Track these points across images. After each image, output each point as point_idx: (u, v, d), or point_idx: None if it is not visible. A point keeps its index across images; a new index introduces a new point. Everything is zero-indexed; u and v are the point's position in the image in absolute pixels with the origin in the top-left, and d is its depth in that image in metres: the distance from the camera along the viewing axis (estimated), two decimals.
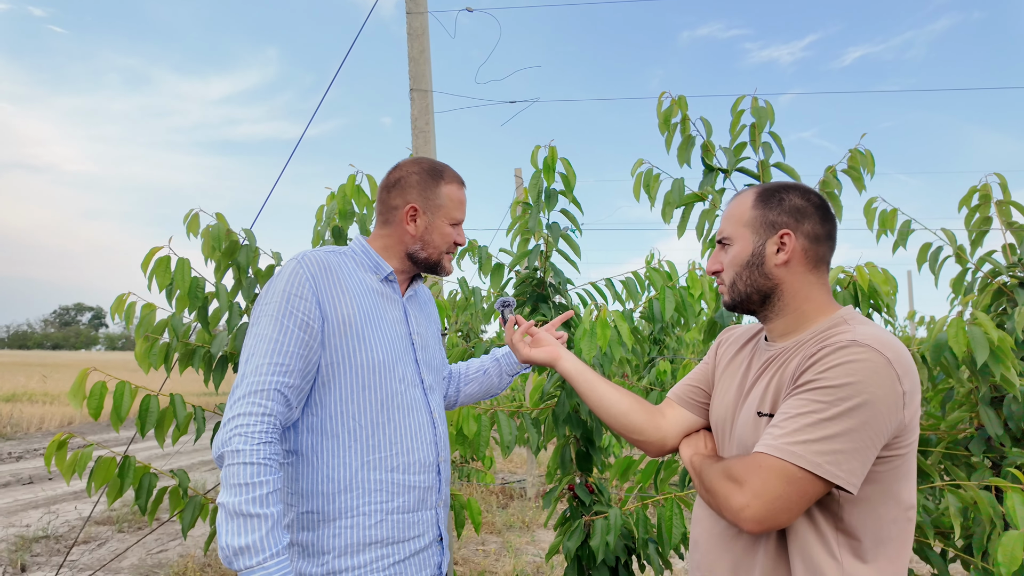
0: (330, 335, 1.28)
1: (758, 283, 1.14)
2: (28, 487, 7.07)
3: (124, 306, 2.21)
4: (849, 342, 0.99)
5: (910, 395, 1.00)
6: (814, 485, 0.97)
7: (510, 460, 8.84)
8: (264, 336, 1.23)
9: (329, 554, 1.25)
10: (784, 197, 1.14)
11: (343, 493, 1.27)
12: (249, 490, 1.12)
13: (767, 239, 1.13)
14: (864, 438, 0.96)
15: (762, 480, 0.98)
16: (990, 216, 2.37)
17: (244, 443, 1.15)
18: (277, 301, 1.26)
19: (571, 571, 2.22)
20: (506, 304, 1.55)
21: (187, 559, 4.45)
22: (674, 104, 2.22)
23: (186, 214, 2.24)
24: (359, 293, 1.35)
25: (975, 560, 1.92)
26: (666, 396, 1.39)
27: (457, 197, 1.47)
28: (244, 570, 1.10)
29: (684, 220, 2.19)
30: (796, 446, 0.97)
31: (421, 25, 3.04)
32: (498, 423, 2.20)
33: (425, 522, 1.37)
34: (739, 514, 1.00)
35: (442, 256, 1.47)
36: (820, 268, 1.14)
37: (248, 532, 1.11)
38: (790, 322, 1.14)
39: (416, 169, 1.46)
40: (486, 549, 4.82)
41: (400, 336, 1.40)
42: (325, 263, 1.33)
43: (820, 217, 1.14)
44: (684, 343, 6.02)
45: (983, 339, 1.81)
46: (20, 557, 4.51)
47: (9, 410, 12.54)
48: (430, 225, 1.44)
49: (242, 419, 1.17)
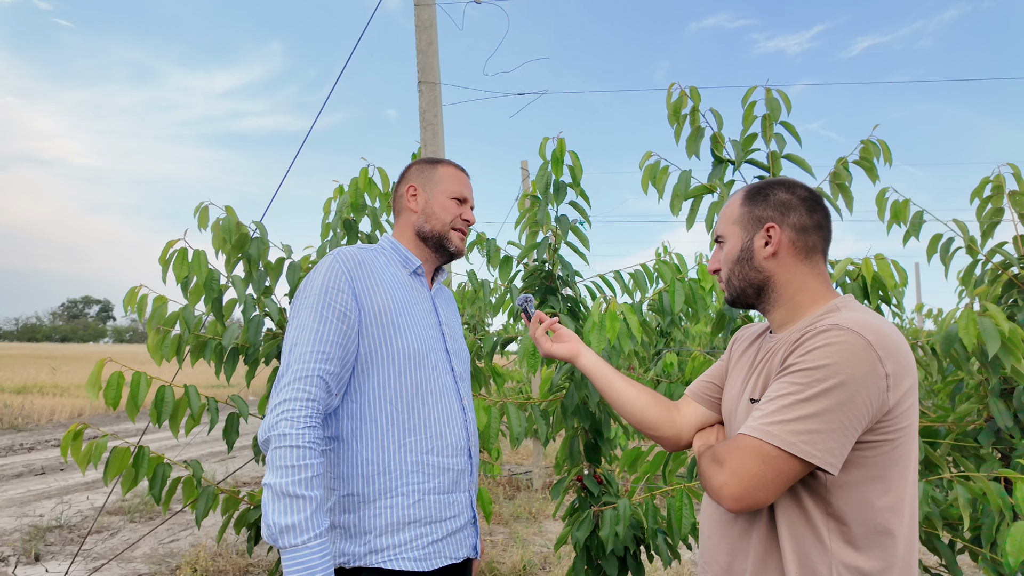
0: (367, 324, 1.35)
1: (749, 276, 1.18)
2: (40, 477, 7.16)
3: (136, 299, 2.23)
4: (830, 326, 1.02)
5: (895, 377, 1.00)
6: (789, 464, 0.99)
7: (516, 451, 8.88)
8: (306, 327, 1.30)
9: (371, 533, 1.31)
10: (769, 193, 1.19)
11: (382, 475, 1.33)
12: (295, 472, 1.18)
13: (755, 233, 1.18)
14: (841, 418, 0.98)
15: (740, 459, 1.02)
16: (1002, 207, 2.36)
17: (290, 427, 1.21)
18: (317, 294, 1.33)
19: (580, 561, 2.24)
20: (528, 301, 1.59)
21: (198, 548, 4.50)
22: (683, 95, 2.22)
23: (196, 207, 2.26)
24: (392, 285, 1.43)
25: (984, 551, 1.92)
26: (684, 393, 1.43)
27: (454, 174, 1.54)
28: (289, 548, 1.16)
29: (693, 212, 2.19)
30: (772, 426, 1.01)
31: (429, 17, 3.04)
32: (508, 415, 2.21)
33: (460, 503, 1.43)
34: (719, 492, 1.04)
35: (447, 230, 1.51)
36: (812, 258, 1.16)
37: (294, 512, 1.16)
38: (786, 313, 1.17)
39: (415, 163, 1.58)
40: (493, 540, 4.85)
41: (431, 326, 1.47)
42: (359, 258, 1.41)
43: (806, 208, 1.17)
44: (691, 335, 6.02)
45: (994, 331, 1.80)
46: (34, 546, 4.58)
47: (20, 402, 12.67)
48: (431, 199, 1.51)
49: (288, 404, 1.23)
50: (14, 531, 5.04)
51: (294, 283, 2.35)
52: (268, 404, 1.27)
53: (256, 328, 2.30)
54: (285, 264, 2.38)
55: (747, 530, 1.11)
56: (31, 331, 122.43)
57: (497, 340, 2.61)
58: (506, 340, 2.68)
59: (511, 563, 4.24)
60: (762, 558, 1.08)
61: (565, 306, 2.42)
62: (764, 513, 1.09)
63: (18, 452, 8.79)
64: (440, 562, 1.36)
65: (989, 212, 2.38)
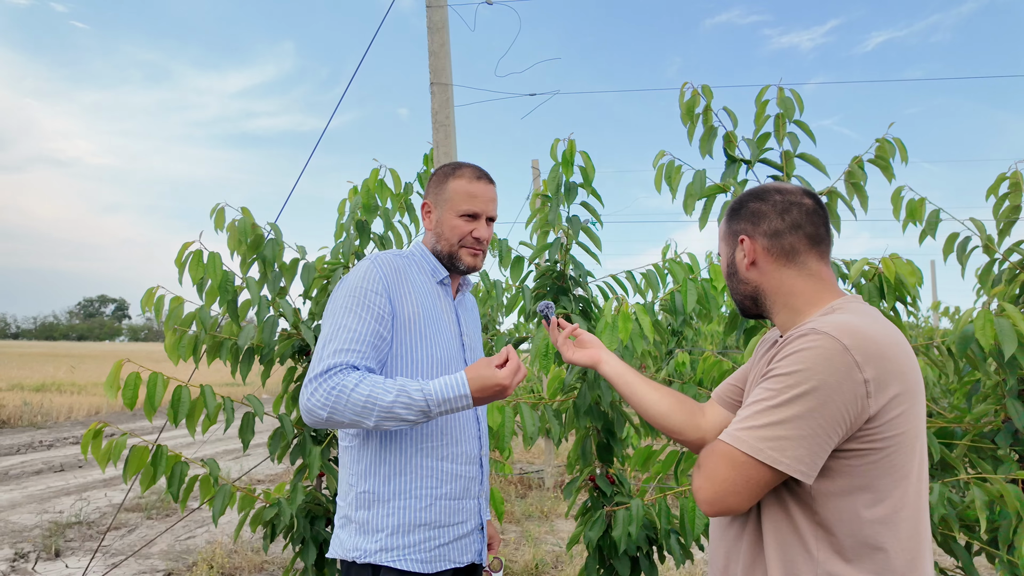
0: (398, 330, 1.39)
1: (740, 289, 1.21)
2: (59, 474, 7.27)
3: (153, 299, 2.26)
4: (808, 330, 1.01)
5: (877, 383, 0.97)
6: (758, 471, 0.99)
7: (528, 450, 8.89)
8: (342, 326, 1.34)
9: (383, 532, 1.36)
10: (743, 206, 1.21)
11: (398, 476, 1.38)
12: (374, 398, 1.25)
13: (735, 248, 1.21)
14: (812, 425, 0.97)
15: (713, 464, 1.04)
16: (1020, 205, 2.33)
17: (339, 391, 1.26)
18: (355, 295, 1.37)
19: (592, 561, 2.24)
20: (549, 308, 1.58)
21: (215, 545, 4.55)
22: (696, 94, 2.21)
23: (212, 208, 2.29)
24: (422, 294, 1.46)
25: (1001, 553, 1.90)
26: (712, 394, 1.43)
27: (465, 190, 1.49)
28: (441, 405, 1.28)
29: (706, 212, 2.18)
30: (742, 432, 1.01)
31: (441, 19, 3.05)
32: (521, 415, 2.22)
33: (469, 510, 1.47)
34: (696, 495, 1.06)
35: (456, 249, 1.50)
36: (796, 260, 1.14)
37: (407, 406, 1.26)
38: (787, 317, 1.17)
39: (439, 168, 1.58)
40: (505, 538, 4.87)
41: (453, 336, 1.50)
42: (394, 265, 1.44)
43: (777, 212, 1.17)
44: (702, 335, 5.99)
45: (1011, 331, 1.79)
46: (54, 542, 4.65)
47: (39, 400, 12.87)
48: (440, 218, 1.51)
49: (324, 386, 1.27)
50: (34, 527, 5.13)
51: (308, 284, 2.37)
52: (300, 401, 1.32)
53: (271, 328, 2.33)
54: (299, 265, 2.40)
55: (740, 534, 1.12)
56: (49, 330, 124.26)
57: (509, 340, 2.62)
58: (518, 340, 2.69)
59: (523, 562, 4.25)
60: (750, 563, 1.08)
61: (577, 306, 2.43)
62: (752, 518, 1.09)
63: (38, 449, 8.93)
64: (444, 565, 1.40)
65: (1006, 210, 2.35)
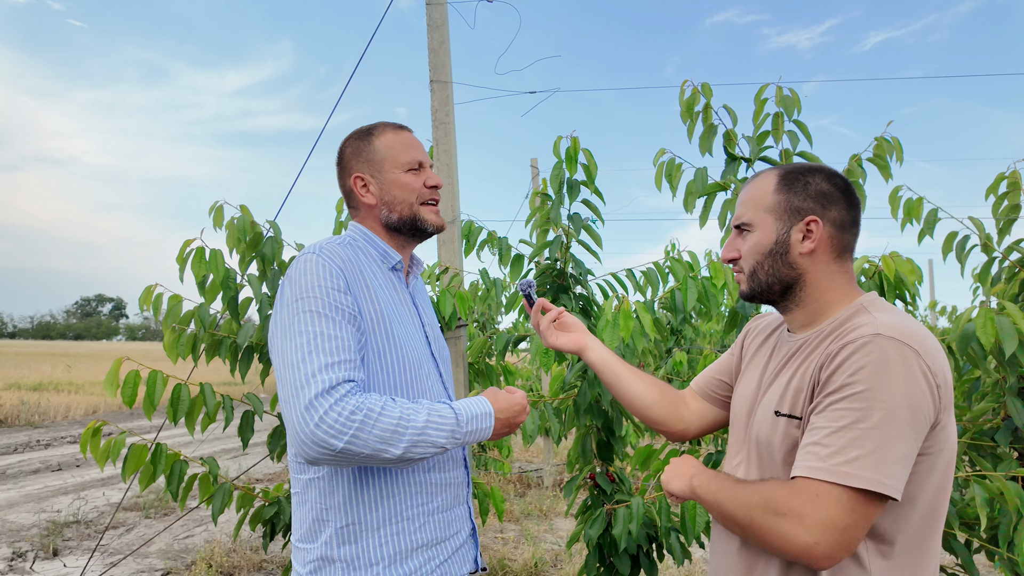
0: (365, 333, 1.19)
1: (781, 273, 1.07)
2: (57, 473, 7.25)
3: (152, 297, 2.26)
4: (871, 336, 0.93)
5: (943, 390, 0.93)
6: (876, 505, 0.90)
7: (527, 449, 8.89)
8: (319, 333, 1.10)
9: (378, 565, 1.18)
10: (809, 180, 1.07)
11: (387, 498, 1.21)
12: (405, 421, 1.08)
13: (792, 226, 1.06)
14: (910, 443, 0.90)
15: (825, 511, 0.89)
16: (1019, 204, 2.33)
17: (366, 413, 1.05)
18: (317, 296, 1.13)
19: (592, 559, 2.24)
20: (530, 286, 1.45)
21: (213, 544, 4.55)
22: (696, 92, 2.21)
23: (211, 206, 2.28)
24: (379, 287, 1.26)
25: (1001, 551, 1.91)
26: (690, 384, 1.38)
27: (395, 140, 1.32)
28: (467, 426, 1.15)
29: (706, 210, 2.18)
30: (848, 465, 0.89)
31: (441, 16, 3.04)
32: None
33: (461, 518, 1.35)
34: (809, 552, 0.90)
35: (416, 209, 1.31)
36: (844, 257, 1.08)
37: (438, 428, 1.11)
38: (810, 313, 1.08)
39: (347, 142, 1.36)
40: (505, 537, 4.87)
41: (416, 329, 1.33)
42: (344, 255, 1.21)
43: (846, 202, 1.07)
44: (701, 333, 5.99)
45: (1012, 329, 1.79)
46: (52, 541, 4.64)
47: (36, 399, 12.83)
48: (384, 183, 1.30)
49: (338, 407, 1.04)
50: (32, 526, 5.12)
51: None
52: (290, 439, 1.09)
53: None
54: None
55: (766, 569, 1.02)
56: (46, 329, 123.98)
57: (509, 338, 2.62)
58: (518, 338, 2.68)
59: (522, 560, 4.25)
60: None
61: (577, 304, 2.43)
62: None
63: (35, 448, 8.91)
64: None
65: (1005, 209, 2.35)
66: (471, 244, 2.89)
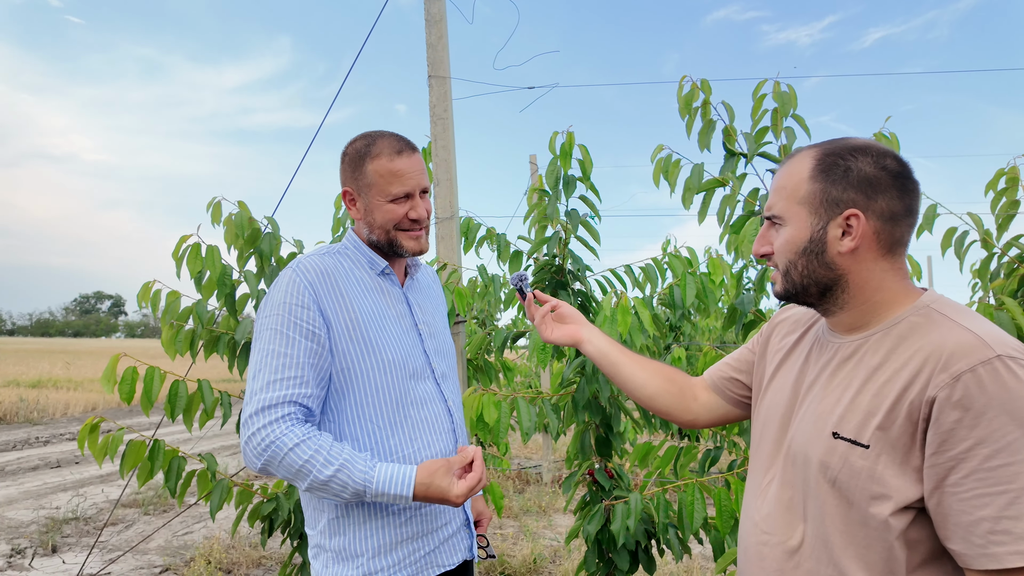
0: (336, 342, 1.25)
1: (817, 274, 0.93)
2: (56, 470, 7.25)
3: (150, 294, 2.25)
4: (990, 358, 0.78)
5: None
6: None
7: (526, 445, 8.90)
8: (270, 351, 1.20)
9: (363, 556, 1.26)
10: (851, 166, 0.90)
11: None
12: (310, 467, 1.15)
13: (829, 221, 0.91)
14: None
15: None
16: (1018, 200, 2.33)
17: (275, 448, 1.16)
18: (279, 313, 1.22)
19: (591, 555, 2.25)
20: (522, 279, 1.44)
21: (212, 541, 4.55)
22: (695, 88, 2.20)
23: (209, 202, 2.27)
24: (359, 294, 1.31)
25: None
26: (703, 374, 1.30)
27: (386, 169, 1.30)
28: (376, 497, 1.17)
29: (705, 206, 2.18)
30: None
31: (439, 11, 3.03)
32: (518, 410, 2.22)
33: (450, 509, 1.35)
34: None
35: (393, 235, 1.34)
36: (896, 251, 0.92)
37: (343, 486, 1.16)
38: (857, 315, 0.94)
39: (348, 151, 1.37)
40: (504, 533, 4.88)
41: (406, 330, 1.36)
42: (322, 268, 1.28)
43: (898, 189, 0.90)
44: (700, 329, 6.00)
45: (1011, 324, 1.79)
46: (51, 538, 4.64)
47: (35, 396, 12.83)
48: (368, 206, 1.34)
49: (260, 434, 1.16)
50: (31, 523, 5.12)
51: None
52: (241, 441, 1.20)
53: None
54: None
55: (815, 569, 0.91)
56: (45, 326, 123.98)
57: (507, 335, 2.62)
58: (516, 335, 2.68)
59: (521, 556, 4.25)
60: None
61: (576, 300, 2.42)
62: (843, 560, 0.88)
63: (34, 445, 8.91)
64: (434, 572, 1.32)
65: (1005, 205, 2.35)
66: (470, 240, 2.89)
